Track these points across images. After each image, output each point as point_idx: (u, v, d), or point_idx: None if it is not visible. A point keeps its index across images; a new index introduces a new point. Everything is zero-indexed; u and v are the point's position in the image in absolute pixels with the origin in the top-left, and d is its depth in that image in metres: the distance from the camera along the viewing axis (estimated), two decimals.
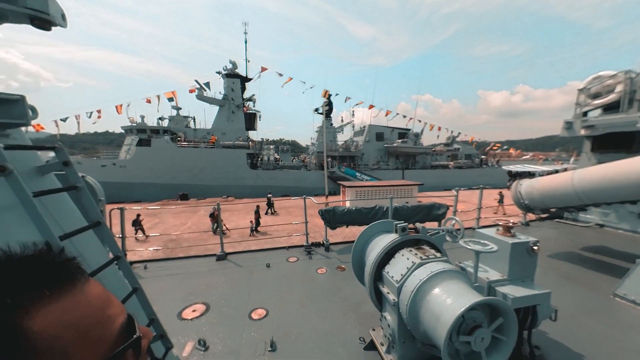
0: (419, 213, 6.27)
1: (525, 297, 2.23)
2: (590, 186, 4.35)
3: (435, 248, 2.57)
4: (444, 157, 38.77)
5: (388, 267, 2.41)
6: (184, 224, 15.10)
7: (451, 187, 7.68)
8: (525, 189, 5.47)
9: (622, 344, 2.79)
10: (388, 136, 36.20)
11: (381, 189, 17.39)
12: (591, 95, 6.75)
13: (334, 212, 5.92)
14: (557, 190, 4.89)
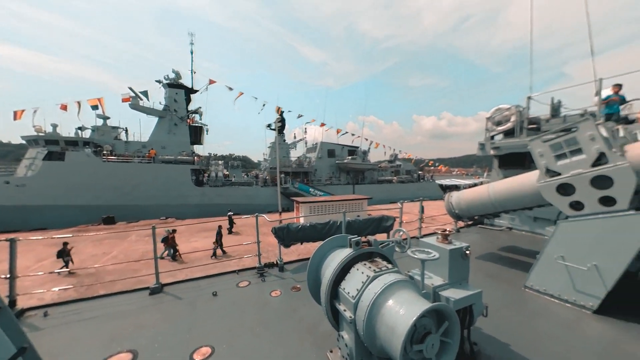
0: (370, 226, 6.58)
1: (464, 298, 2.47)
2: (500, 196, 5.27)
3: (386, 260, 2.67)
4: (388, 173, 42.50)
5: (344, 283, 2.40)
6: (107, 254, 12.63)
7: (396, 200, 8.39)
8: (455, 200, 6.29)
9: (535, 328, 3.31)
10: (339, 153, 38.05)
11: (334, 203, 17.87)
12: (495, 123, 8.38)
13: (287, 229, 5.76)
14: (478, 201, 5.77)
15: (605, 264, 3.51)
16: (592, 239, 3.66)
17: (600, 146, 3.57)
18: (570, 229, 3.89)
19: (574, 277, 3.79)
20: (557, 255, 3.94)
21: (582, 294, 3.70)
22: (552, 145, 4.07)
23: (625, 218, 3.39)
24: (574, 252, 3.80)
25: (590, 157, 3.66)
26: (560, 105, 9.77)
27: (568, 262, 3.81)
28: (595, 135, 3.62)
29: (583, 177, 3.71)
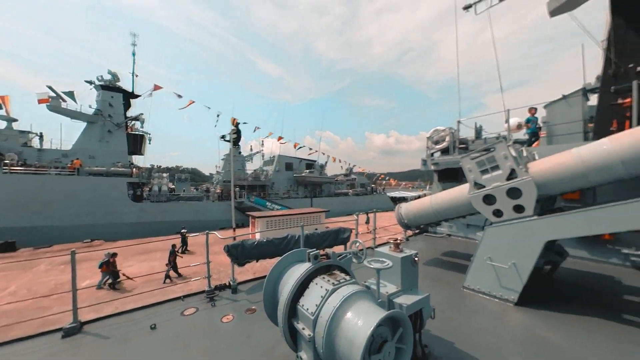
0: (328, 238, 6.64)
1: (415, 303, 2.63)
2: (440, 207, 5.93)
3: (345, 271, 2.71)
4: (344, 186, 44.20)
5: (303, 299, 2.33)
6: (1, 290, 9.94)
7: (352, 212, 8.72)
8: (404, 211, 6.84)
9: (472, 324, 3.70)
10: (297, 166, 38.21)
11: (292, 217, 17.63)
12: (434, 142, 9.55)
13: (242, 246, 5.41)
14: (422, 211, 6.38)
15: (520, 262, 4.18)
16: (510, 241, 4.35)
17: (512, 163, 4.36)
18: (494, 234, 4.56)
19: (499, 275, 4.41)
20: (486, 257, 4.55)
21: (506, 289, 4.32)
22: (478, 162, 4.81)
23: (530, 222, 4.14)
24: (498, 253, 4.45)
25: (505, 172, 4.44)
26: (481, 129, 11.67)
27: (494, 262, 4.43)
28: (507, 155, 4.42)
29: (501, 189, 4.44)
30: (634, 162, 3.47)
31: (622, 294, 4.57)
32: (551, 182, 4.14)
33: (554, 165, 4.15)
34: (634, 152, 3.46)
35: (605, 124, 7.20)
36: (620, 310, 3.96)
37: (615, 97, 7.15)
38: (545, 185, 4.15)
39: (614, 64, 7.39)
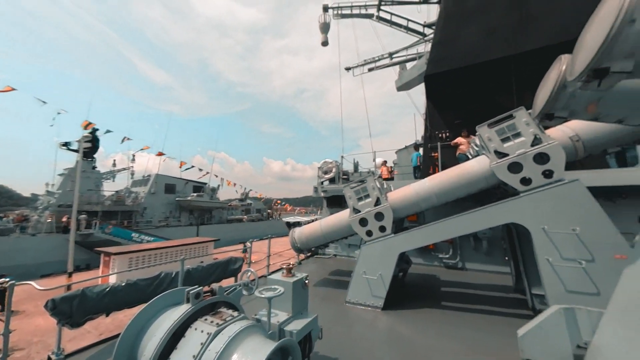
0: (216, 271, 5.87)
1: (304, 327, 2.69)
2: (328, 229, 6.63)
3: (233, 307, 2.44)
4: (239, 212, 41.50)
5: (175, 354, 1.88)
6: None
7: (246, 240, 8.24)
8: (297, 235, 7.14)
9: (354, 335, 4.15)
10: (181, 189, 32.74)
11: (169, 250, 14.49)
12: (323, 172, 10.87)
13: (81, 298, 3.86)
14: (314, 234, 6.90)
15: (384, 272, 5.20)
16: (377, 255, 5.37)
17: (377, 193, 5.58)
18: (367, 250, 5.51)
19: (371, 286, 5.27)
20: (362, 271, 5.38)
21: (375, 297, 5.19)
22: (355, 191, 5.84)
23: (390, 239, 5.33)
24: (370, 267, 5.36)
25: (373, 200, 5.60)
26: (358, 165, 14.30)
27: (368, 276, 5.29)
28: (374, 186, 5.63)
29: (370, 213, 5.53)
30: (441, 194, 5.28)
31: (439, 287, 6.50)
32: (400, 208, 5.57)
33: (401, 195, 5.64)
34: (439, 188, 5.26)
35: (427, 168, 10.58)
36: (441, 299, 5.59)
37: (431, 152, 10.76)
38: (397, 210, 5.53)
39: (429, 130, 11.22)
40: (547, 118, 3.05)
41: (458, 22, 10.16)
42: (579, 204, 3.89)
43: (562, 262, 3.81)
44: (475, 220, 4.67)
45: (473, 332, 4.12)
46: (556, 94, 2.77)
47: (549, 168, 4.13)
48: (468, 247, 8.23)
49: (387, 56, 17.32)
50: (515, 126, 4.49)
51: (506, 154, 4.49)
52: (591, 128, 4.36)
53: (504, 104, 9.47)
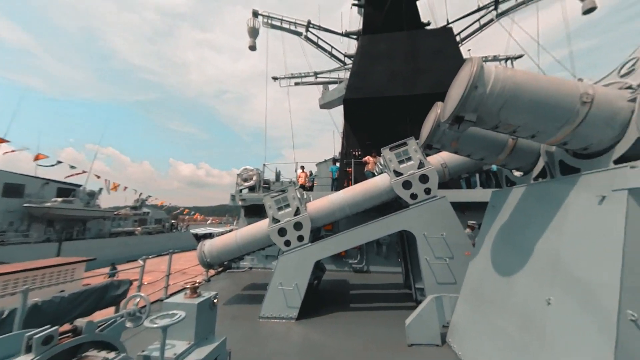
0: (85, 301, 4.46)
1: (208, 355, 2.36)
2: (245, 241, 6.23)
3: (109, 346, 1.89)
4: (130, 222, 33.60)
5: None
6: None
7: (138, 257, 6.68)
8: (207, 249, 6.37)
9: (267, 352, 3.94)
10: (34, 191, 23.80)
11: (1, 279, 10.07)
12: (243, 179, 10.28)
13: None
14: (227, 247, 6.33)
15: (300, 282, 5.27)
16: (295, 265, 5.41)
17: (297, 203, 5.69)
18: (285, 261, 5.47)
19: (287, 297, 5.22)
20: (279, 283, 5.27)
21: (290, 308, 5.17)
22: (275, 200, 5.77)
23: (307, 248, 5.48)
24: (287, 278, 5.32)
25: (293, 210, 5.67)
26: (280, 174, 14.29)
27: (284, 287, 5.22)
28: (295, 196, 5.73)
29: (290, 222, 5.57)
30: (353, 205, 5.89)
31: (349, 290, 7.12)
32: (318, 217, 5.86)
33: (319, 205, 5.96)
34: (352, 199, 5.87)
35: (342, 181, 11.64)
36: (349, 301, 6.10)
37: (346, 167, 11.94)
38: (315, 219, 5.78)
39: (345, 147, 12.48)
40: (428, 148, 3.94)
41: (371, 60, 12.02)
42: (445, 215, 5.14)
43: (435, 261, 4.89)
44: (378, 228, 5.42)
45: (374, 327, 4.67)
46: (434, 130, 3.63)
47: (428, 187, 5.31)
48: (372, 252, 9.44)
49: (312, 74, 18.51)
50: (408, 152, 5.59)
51: (401, 174, 5.49)
52: (453, 158, 5.91)
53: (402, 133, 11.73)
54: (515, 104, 2.40)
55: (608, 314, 1.90)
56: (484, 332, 3.18)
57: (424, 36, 12.16)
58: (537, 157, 3.30)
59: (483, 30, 14.13)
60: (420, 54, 11.63)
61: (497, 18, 13.52)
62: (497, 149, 3.56)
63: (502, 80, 2.38)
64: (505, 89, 2.37)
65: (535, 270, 2.68)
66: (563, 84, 2.39)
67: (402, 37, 11.97)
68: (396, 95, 11.38)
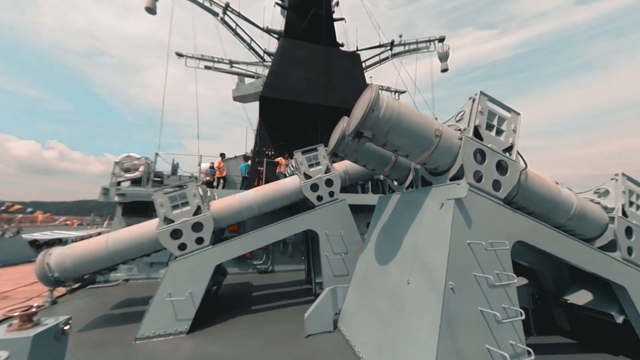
0: None
1: None
2: (121, 246, 4.98)
3: None
4: None
5: None
6: None
7: None
8: (55, 260, 4.69)
9: None
10: None
11: None
12: (124, 169, 8.20)
13: None
14: (92, 255, 4.87)
15: (196, 289, 4.70)
16: (189, 271, 4.77)
17: (199, 201, 5.07)
18: (177, 267, 4.74)
19: (176, 309, 4.52)
20: (167, 294, 4.50)
21: (180, 321, 4.51)
22: (170, 197, 4.93)
23: (207, 251, 4.95)
24: (179, 287, 4.62)
25: (193, 208, 5.01)
26: (178, 167, 12.33)
27: (174, 297, 4.50)
28: (196, 193, 5.08)
29: (188, 223, 4.88)
30: (262, 205, 5.79)
31: (252, 292, 6.92)
32: (224, 217, 5.42)
33: (225, 204, 5.53)
34: (261, 199, 5.78)
35: (252, 180, 11.26)
36: (252, 304, 5.92)
37: (258, 165, 11.62)
38: (219, 219, 5.32)
39: (258, 145, 12.15)
40: (334, 155, 4.42)
41: (290, 63, 12.28)
42: (344, 216, 5.87)
43: (333, 256, 5.49)
44: (286, 228, 5.56)
45: (275, 325, 4.73)
46: (339, 141, 4.11)
47: (332, 190, 5.91)
48: (278, 251, 9.55)
49: (227, 62, 17.01)
50: (317, 157, 6.06)
51: (310, 177, 5.87)
52: (353, 167, 6.84)
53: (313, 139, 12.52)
54: (398, 129, 3.06)
55: (439, 285, 2.71)
56: (366, 313, 3.83)
57: (338, 55, 13.54)
58: (409, 172, 4.31)
59: (381, 64, 17.16)
60: (334, 70, 12.87)
61: (391, 57, 16.76)
62: (384, 163, 4.41)
63: (391, 108, 2.99)
64: (392, 115, 2.99)
65: (402, 259, 3.48)
66: (427, 120, 3.25)
67: (320, 50, 12.87)
68: (311, 103, 12.09)
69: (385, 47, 16.55)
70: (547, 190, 3.65)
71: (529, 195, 3.56)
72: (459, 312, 2.66)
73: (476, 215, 2.98)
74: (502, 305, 2.81)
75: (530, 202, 3.61)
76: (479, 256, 2.89)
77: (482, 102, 3.39)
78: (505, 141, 3.45)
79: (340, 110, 10.63)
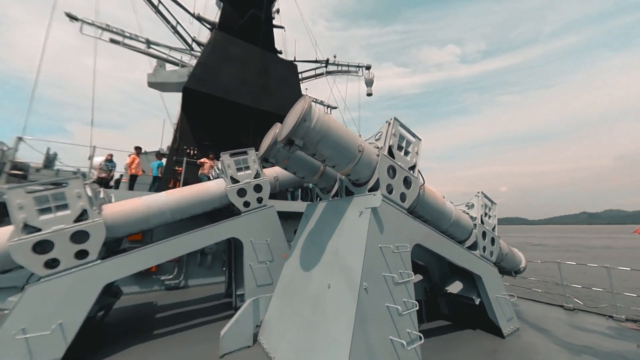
0: None
1: None
2: None
3: None
4: None
5: None
6: None
7: None
8: None
9: None
10: None
11: None
12: None
13: None
14: None
15: (70, 318, 3.61)
16: (62, 295, 3.64)
17: (85, 203, 3.99)
18: (40, 291, 3.55)
19: (33, 349, 3.35)
20: (17, 330, 3.28)
21: None
22: (38, 197, 3.70)
23: (92, 268, 3.92)
24: (41, 317, 3.45)
25: (75, 213, 3.90)
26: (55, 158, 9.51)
27: (30, 334, 3.33)
28: (82, 193, 3.99)
29: (65, 232, 3.76)
30: (178, 210, 5.05)
31: (155, 314, 5.84)
32: (122, 225, 4.43)
33: (125, 209, 4.56)
34: (177, 204, 5.05)
35: (167, 181, 9.75)
36: (154, 328, 4.96)
37: (176, 165, 10.17)
38: (116, 227, 4.32)
39: (178, 142, 10.68)
40: (264, 161, 4.31)
41: (223, 58, 11.46)
42: (272, 222, 5.74)
43: (258, 265, 5.25)
44: (206, 236, 4.99)
45: (183, 350, 4.10)
46: (271, 147, 4.05)
47: (261, 196, 5.71)
48: (194, 263, 8.45)
49: (143, 40, 14.44)
50: (247, 161, 5.78)
51: (238, 181, 5.53)
52: (284, 174, 6.83)
53: (244, 141, 11.90)
54: (327, 141, 3.25)
55: (355, 286, 2.96)
56: (288, 321, 3.79)
57: (276, 61, 13.50)
58: (335, 182, 4.62)
59: (317, 78, 18.10)
60: (270, 75, 12.75)
61: (326, 74, 17.92)
62: (313, 172, 4.59)
63: (321, 120, 3.17)
64: (322, 127, 3.17)
65: (325, 264, 3.65)
66: (353, 136, 3.59)
67: (257, 52, 12.53)
68: (244, 104, 11.54)
69: (321, 64, 17.59)
70: (438, 202, 4.57)
71: (425, 206, 4.37)
72: (370, 310, 2.97)
73: (387, 223, 3.44)
74: (403, 299, 3.29)
75: (426, 212, 4.43)
76: (388, 258, 3.32)
77: (395, 126, 4.00)
78: (410, 161, 4.15)
79: (275, 115, 10.57)
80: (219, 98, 10.93)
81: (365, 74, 17.95)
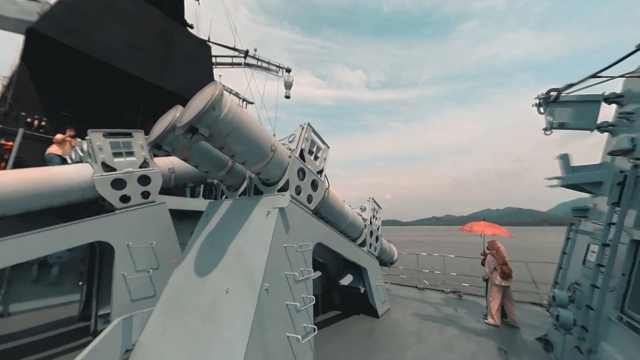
0: None
1: None
2: None
3: None
4: None
5: None
6: None
7: None
8: None
9: None
10: None
11: None
12: None
13: None
14: None
15: None
16: None
17: None
18: None
19: None
20: None
21: None
22: None
23: None
24: None
25: None
26: None
27: None
28: None
29: None
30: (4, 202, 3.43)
31: None
32: None
33: None
34: (3, 192, 3.43)
35: None
36: None
37: (3, 137, 6.96)
38: None
39: (10, 106, 7.37)
40: (157, 148, 3.59)
41: (106, 9, 8.82)
42: (161, 222, 4.82)
43: (135, 274, 4.26)
44: (53, 240, 3.63)
45: None
46: (167, 132, 3.42)
47: (148, 190, 4.70)
48: (25, 279, 5.94)
49: None
50: (131, 145, 4.64)
51: (114, 169, 4.34)
52: (182, 165, 5.89)
53: (129, 120, 9.49)
54: (238, 135, 3.04)
55: (255, 288, 2.87)
56: (172, 336, 3.24)
57: (184, 34, 11.58)
58: (244, 179, 4.38)
59: (233, 67, 16.80)
60: (176, 49, 10.83)
61: (244, 66, 16.90)
62: (220, 166, 4.18)
63: (233, 112, 2.94)
64: (234, 120, 2.94)
65: (225, 266, 3.37)
66: (266, 134, 3.51)
67: (159, 16, 10.36)
68: (135, 76, 9.26)
69: (239, 53, 16.45)
70: (339, 205, 5.11)
71: (329, 208, 4.79)
72: (269, 310, 2.95)
73: (293, 223, 3.55)
74: (302, 295, 3.46)
75: (329, 213, 4.87)
76: (291, 257, 3.42)
77: (308, 131, 4.21)
78: (319, 165, 4.46)
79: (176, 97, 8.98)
80: (95, 59, 8.32)
81: (285, 76, 18.10)
